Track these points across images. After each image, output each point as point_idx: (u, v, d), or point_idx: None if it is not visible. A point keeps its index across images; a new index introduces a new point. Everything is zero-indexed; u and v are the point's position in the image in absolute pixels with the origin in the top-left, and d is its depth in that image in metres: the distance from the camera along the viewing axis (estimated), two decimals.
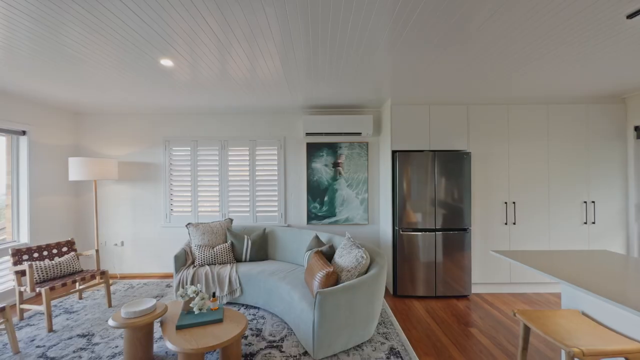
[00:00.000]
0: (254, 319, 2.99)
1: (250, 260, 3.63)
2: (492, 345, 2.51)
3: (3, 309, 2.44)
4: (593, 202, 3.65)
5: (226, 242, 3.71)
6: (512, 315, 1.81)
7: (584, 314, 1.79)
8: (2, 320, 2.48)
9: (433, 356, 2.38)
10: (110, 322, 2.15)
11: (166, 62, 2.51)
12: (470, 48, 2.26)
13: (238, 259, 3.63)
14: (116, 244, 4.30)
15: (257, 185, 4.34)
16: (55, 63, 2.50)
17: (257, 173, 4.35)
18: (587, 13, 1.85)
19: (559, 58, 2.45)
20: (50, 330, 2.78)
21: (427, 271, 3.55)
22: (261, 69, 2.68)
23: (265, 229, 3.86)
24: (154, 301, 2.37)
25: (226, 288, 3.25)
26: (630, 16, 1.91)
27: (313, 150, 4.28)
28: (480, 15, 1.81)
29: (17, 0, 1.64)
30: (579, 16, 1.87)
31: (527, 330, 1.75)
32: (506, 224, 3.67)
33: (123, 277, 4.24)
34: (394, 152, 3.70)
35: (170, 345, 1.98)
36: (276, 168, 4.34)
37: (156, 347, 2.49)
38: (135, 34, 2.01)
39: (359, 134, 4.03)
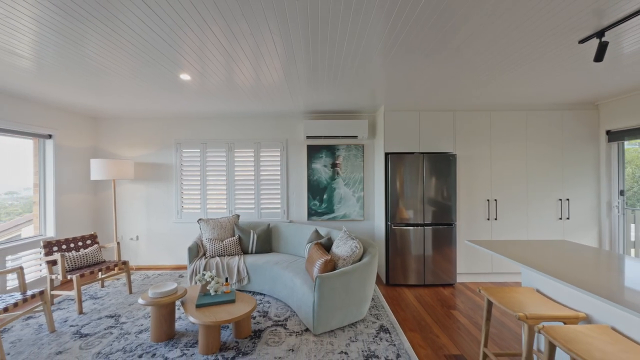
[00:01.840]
0: (260, 304, 3.35)
1: (256, 253, 3.99)
2: (469, 323, 2.88)
3: (42, 292, 2.80)
4: (568, 199, 4.01)
5: (234, 236, 4.07)
6: (478, 291, 2.16)
7: (538, 291, 2.14)
8: (40, 302, 2.85)
9: (417, 332, 2.75)
10: (140, 301, 2.51)
11: (185, 77, 2.87)
12: (463, 55, 2.46)
13: (245, 251, 3.99)
14: (132, 238, 4.66)
15: (261, 184, 4.70)
16: (78, 73, 2.78)
17: (261, 173, 4.71)
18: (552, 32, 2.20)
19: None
20: (81, 312, 3.15)
21: (417, 262, 3.91)
22: (265, 78, 3.01)
23: (269, 224, 4.22)
24: (175, 284, 2.73)
25: (235, 277, 3.61)
26: (581, 41, 2.26)
27: (313, 151, 4.64)
28: (470, 23, 1.97)
29: (44, 18, 1.84)
30: (563, 25, 2.21)
31: (490, 304, 2.11)
32: (488, 219, 4.03)
33: (139, 269, 4.60)
34: (387, 154, 4.06)
35: (192, 319, 2.34)
36: (279, 168, 4.70)
37: (177, 325, 2.85)
38: (150, 46, 2.25)
39: (356, 137, 4.39)
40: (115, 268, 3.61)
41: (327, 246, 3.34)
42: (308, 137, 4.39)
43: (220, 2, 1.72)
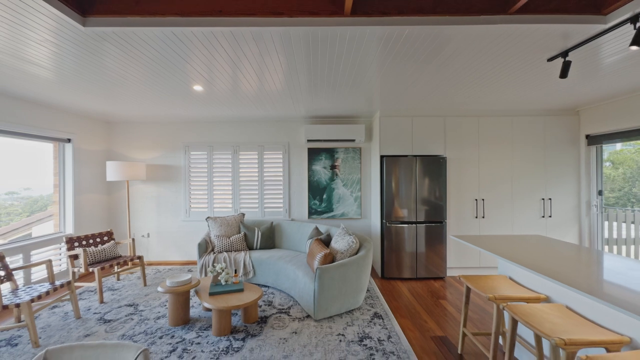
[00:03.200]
0: (265, 294, 3.65)
1: (261, 248, 4.29)
2: (455, 311, 3.18)
3: (69, 282, 3.10)
4: (550, 199, 4.32)
5: (240, 233, 4.37)
6: (458, 278, 2.46)
7: (510, 278, 2.45)
8: (68, 292, 3.15)
9: (408, 318, 3.05)
10: (159, 289, 2.81)
11: (197, 88, 3.17)
12: (449, 68, 2.72)
13: (250, 247, 4.29)
14: (143, 236, 4.96)
15: (265, 185, 5.00)
16: (96, 82, 3.02)
17: (264, 174, 5.01)
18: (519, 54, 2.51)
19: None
20: (102, 302, 3.44)
21: (410, 257, 4.21)
22: (269, 87, 3.27)
23: (272, 222, 4.52)
24: (190, 275, 3.03)
25: (241, 270, 3.91)
26: (550, 59, 2.57)
27: (313, 154, 4.94)
28: (452, 44, 2.24)
29: (65, 32, 1.99)
30: (530, 45, 2.52)
31: (468, 289, 2.41)
32: (476, 217, 4.33)
33: (150, 264, 4.90)
34: (382, 157, 4.36)
35: (207, 305, 2.64)
36: (281, 170, 5.00)
37: (191, 312, 3.15)
38: (165, 59, 2.47)
39: (353, 140, 4.70)
40: (129, 263, 3.91)
41: (326, 242, 3.64)
42: (308, 140, 4.69)
43: (235, 31, 2.02)
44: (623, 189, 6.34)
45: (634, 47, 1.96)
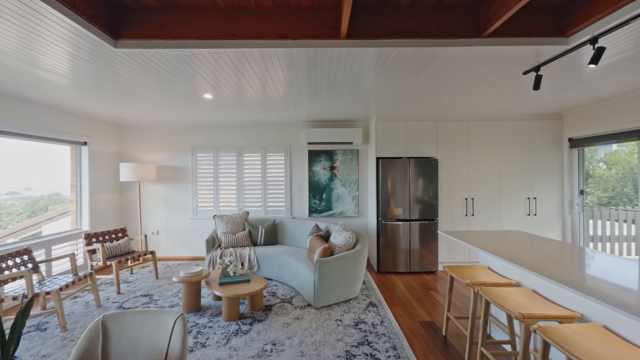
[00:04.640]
0: (269, 286, 3.94)
1: (264, 244, 4.59)
2: (443, 301, 3.48)
3: (91, 274, 3.39)
4: (535, 198, 4.61)
5: (244, 230, 4.66)
6: (442, 269, 2.74)
7: (489, 268, 2.74)
8: (89, 282, 3.45)
9: (400, 307, 3.34)
10: (174, 279, 3.11)
11: (207, 96, 3.46)
12: (438, 78, 2.99)
13: (254, 243, 4.59)
14: (153, 233, 5.26)
15: (267, 185, 5.30)
16: (110, 89, 3.24)
17: (267, 175, 5.31)
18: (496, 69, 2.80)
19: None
20: (119, 292, 3.74)
21: (404, 252, 4.50)
22: (272, 94, 3.53)
23: (275, 220, 4.82)
24: (201, 267, 3.32)
25: (247, 264, 4.20)
26: (524, 73, 2.86)
27: (313, 156, 5.24)
28: (438, 60, 2.51)
29: (81, 44, 2.13)
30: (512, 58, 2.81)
31: (452, 278, 2.71)
32: (466, 215, 4.62)
33: (159, 260, 5.20)
34: (378, 159, 4.65)
35: (218, 293, 2.94)
36: (283, 170, 5.30)
37: (202, 301, 3.45)
38: (175, 68, 2.65)
39: (351, 143, 4.99)
40: (141, 258, 4.20)
41: (325, 237, 3.94)
42: (309, 143, 4.99)
43: (245, 51, 2.32)
44: (615, 189, 6.61)
45: (592, 66, 2.25)
